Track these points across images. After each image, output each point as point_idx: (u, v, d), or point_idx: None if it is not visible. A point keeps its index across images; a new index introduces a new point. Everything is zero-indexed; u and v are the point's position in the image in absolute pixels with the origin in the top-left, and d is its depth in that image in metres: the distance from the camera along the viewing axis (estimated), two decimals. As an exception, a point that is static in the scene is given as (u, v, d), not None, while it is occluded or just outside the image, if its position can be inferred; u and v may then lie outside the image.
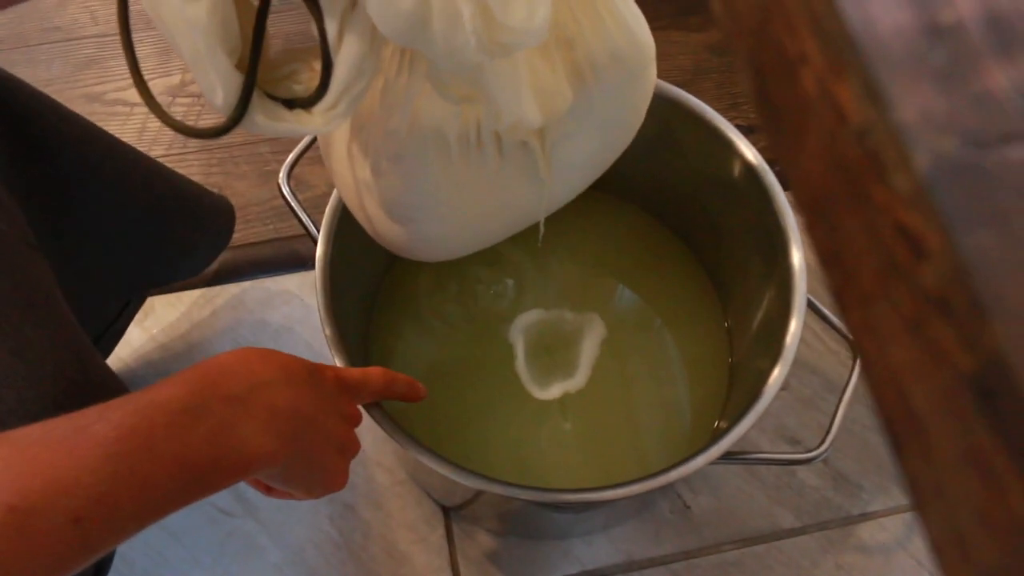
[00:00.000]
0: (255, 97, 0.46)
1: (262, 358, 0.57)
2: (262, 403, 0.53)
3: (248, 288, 1.12)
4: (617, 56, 0.59)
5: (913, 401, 0.20)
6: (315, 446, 0.59)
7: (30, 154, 0.73)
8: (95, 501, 0.45)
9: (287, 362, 0.58)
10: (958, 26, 0.20)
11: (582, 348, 0.96)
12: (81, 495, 0.44)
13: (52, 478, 0.44)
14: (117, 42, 1.36)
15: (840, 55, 0.21)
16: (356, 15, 0.45)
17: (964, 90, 0.20)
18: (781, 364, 0.75)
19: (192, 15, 0.43)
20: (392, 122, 0.57)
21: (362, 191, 0.65)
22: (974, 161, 0.19)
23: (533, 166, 0.62)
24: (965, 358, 0.18)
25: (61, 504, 0.44)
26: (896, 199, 0.19)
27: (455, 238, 0.67)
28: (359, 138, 0.60)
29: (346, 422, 0.63)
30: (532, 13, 0.44)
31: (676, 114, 0.87)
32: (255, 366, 0.55)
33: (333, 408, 0.61)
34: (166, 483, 0.48)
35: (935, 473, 0.20)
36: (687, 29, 1.32)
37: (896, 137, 0.19)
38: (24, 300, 0.59)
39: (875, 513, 1.00)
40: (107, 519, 0.45)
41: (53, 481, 0.44)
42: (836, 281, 0.23)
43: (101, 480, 0.45)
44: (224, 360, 0.55)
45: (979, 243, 0.18)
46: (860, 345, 0.22)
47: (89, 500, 0.44)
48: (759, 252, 0.87)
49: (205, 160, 1.21)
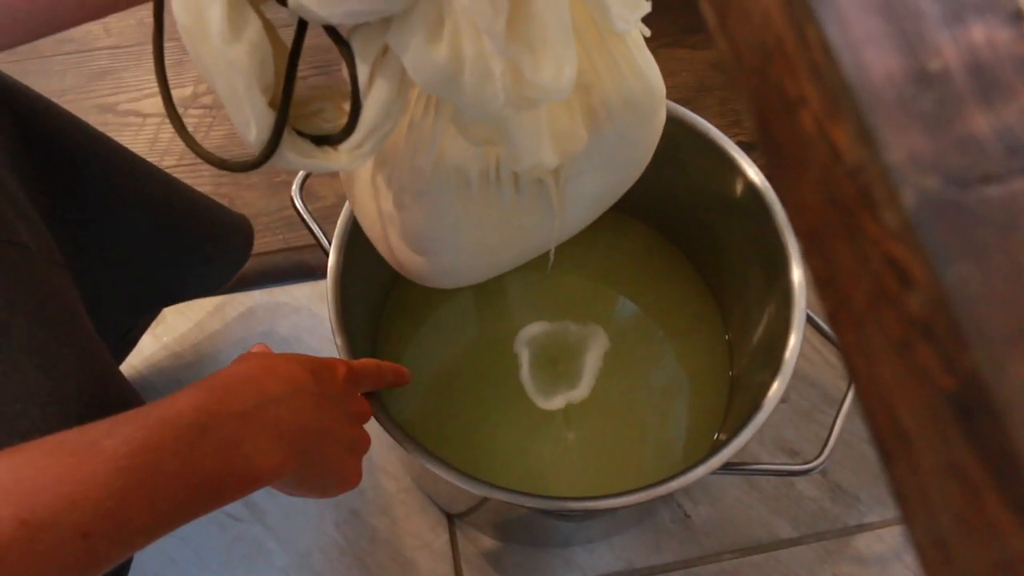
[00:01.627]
0: (285, 134, 0.47)
1: (268, 372, 0.58)
2: (268, 418, 0.54)
3: (258, 297, 1.14)
4: (630, 100, 0.61)
5: (900, 416, 0.22)
6: (324, 453, 0.60)
7: (55, 172, 0.74)
8: (104, 516, 0.45)
9: (293, 374, 0.59)
10: (944, 74, 0.22)
11: (585, 359, 0.97)
12: (90, 509, 0.45)
13: (62, 493, 0.44)
14: (130, 54, 1.38)
15: (836, 99, 0.23)
16: (387, 61, 0.47)
17: (948, 133, 0.22)
18: (781, 377, 0.77)
19: (233, 56, 0.44)
20: (418, 160, 0.59)
21: (385, 222, 0.66)
22: (956, 199, 0.21)
23: (547, 201, 0.64)
24: (946, 379, 0.20)
25: (70, 518, 0.44)
26: (885, 232, 0.21)
27: (472, 268, 0.69)
28: (383, 172, 0.62)
29: (355, 420, 0.65)
30: (559, 73, 0.46)
31: (680, 132, 0.89)
32: (263, 381, 0.56)
33: (340, 411, 0.62)
34: (174, 497, 0.49)
35: (919, 482, 0.22)
36: (690, 47, 1.34)
37: (886, 176, 0.21)
38: (50, 318, 0.61)
39: (872, 524, 1.02)
40: (116, 533, 0.46)
41: (63, 496, 0.44)
42: (830, 304, 0.25)
43: (110, 495, 0.46)
44: (232, 374, 0.57)
45: (960, 274, 0.20)
46: (852, 364, 0.24)
47: (98, 515, 0.45)
48: (760, 267, 0.89)
49: (215, 172, 1.23)
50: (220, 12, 0.43)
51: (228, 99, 0.45)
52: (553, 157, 0.58)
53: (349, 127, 0.48)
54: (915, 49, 0.23)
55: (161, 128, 1.28)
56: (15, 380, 0.57)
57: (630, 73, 0.60)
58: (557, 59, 0.46)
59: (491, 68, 0.45)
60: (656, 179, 0.84)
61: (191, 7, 0.44)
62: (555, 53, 0.46)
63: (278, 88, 0.46)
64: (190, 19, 0.44)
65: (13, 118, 0.70)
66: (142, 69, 1.33)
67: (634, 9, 0.54)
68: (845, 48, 0.23)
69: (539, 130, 0.56)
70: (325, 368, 0.63)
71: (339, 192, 1.21)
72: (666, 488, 0.72)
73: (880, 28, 0.23)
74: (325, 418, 0.60)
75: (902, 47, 0.23)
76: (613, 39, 0.58)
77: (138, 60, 1.34)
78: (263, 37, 0.46)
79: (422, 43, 0.45)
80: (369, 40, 0.46)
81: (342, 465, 0.62)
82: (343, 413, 0.63)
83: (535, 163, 0.57)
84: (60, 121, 0.76)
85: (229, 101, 0.46)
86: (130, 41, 1.36)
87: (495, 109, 0.47)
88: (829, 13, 0.23)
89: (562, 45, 0.46)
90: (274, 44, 0.47)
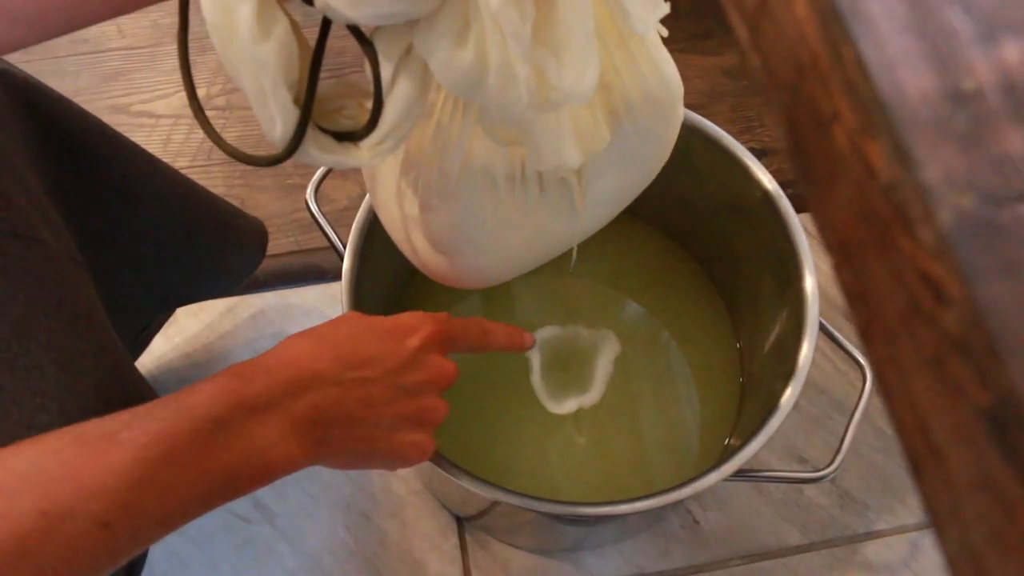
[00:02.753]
0: (308, 130, 0.48)
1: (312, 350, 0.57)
2: (284, 411, 0.54)
3: (269, 299, 1.14)
4: (650, 97, 0.61)
5: (932, 430, 0.22)
6: (353, 438, 0.59)
7: (76, 172, 0.74)
8: (122, 506, 0.46)
9: (345, 353, 0.58)
10: (978, 93, 0.23)
11: (597, 364, 0.98)
12: (108, 500, 0.46)
13: (81, 483, 0.45)
14: (143, 55, 1.39)
15: (871, 116, 0.23)
16: (410, 61, 0.47)
17: (983, 152, 0.22)
18: (793, 384, 0.77)
19: (262, 55, 0.44)
20: (446, 163, 0.59)
21: (409, 225, 0.67)
22: (991, 218, 0.21)
23: (569, 199, 0.65)
24: (982, 394, 0.20)
25: (89, 509, 0.45)
26: (920, 250, 0.22)
27: (496, 268, 0.70)
28: (409, 175, 0.62)
29: (422, 391, 0.62)
30: (583, 77, 0.47)
31: (692, 138, 0.89)
32: (300, 363, 0.56)
33: (393, 390, 0.60)
34: (188, 489, 0.50)
35: (951, 496, 0.22)
36: (703, 53, 1.34)
37: (922, 194, 0.21)
38: (69, 314, 0.61)
39: (881, 532, 1.02)
40: (133, 523, 0.47)
41: (82, 487, 0.45)
42: (861, 318, 0.25)
43: (128, 486, 0.47)
44: (258, 364, 0.56)
45: (996, 292, 0.20)
46: (882, 377, 0.25)
47: (116, 505, 0.46)
48: (772, 275, 0.89)
49: (228, 172, 1.24)
50: (250, 11, 0.44)
51: (254, 96, 0.46)
52: (576, 156, 0.58)
53: (371, 124, 0.48)
54: (949, 68, 0.23)
55: (174, 129, 1.28)
56: (34, 376, 0.57)
57: (650, 71, 0.61)
58: (581, 64, 0.47)
59: (516, 71, 0.45)
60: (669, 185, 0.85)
61: (220, 6, 0.44)
62: (579, 58, 0.47)
63: (302, 85, 0.47)
64: (219, 18, 0.44)
65: (36, 118, 0.71)
66: (155, 70, 1.34)
67: (653, 11, 0.54)
68: (880, 67, 0.23)
69: (561, 130, 0.57)
70: (393, 336, 0.61)
71: (351, 195, 1.21)
72: (679, 494, 0.73)
73: (915, 47, 0.23)
74: (370, 398, 0.58)
75: (936, 66, 0.23)
76: (633, 39, 0.59)
77: (151, 61, 1.34)
78: (290, 36, 0.46)
79: (449, 47, 0.46)
80: (393, 40, 0.47)
81: (388, 444, 0.61)
82: (395, 392, 0.60)
83: (558, 163, 0.57)
84: (82, 122, 0.76)
85: (255, 98, 0.46)
86: (143, 42, 1.36)
87: (518, 111, 0.48)
88: (865, 32, 0.23)
89: (585, 50, 0.47)
90: (302, 43, 0.47)
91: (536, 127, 0.55)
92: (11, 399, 0.57)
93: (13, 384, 0.57)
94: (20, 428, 0.56)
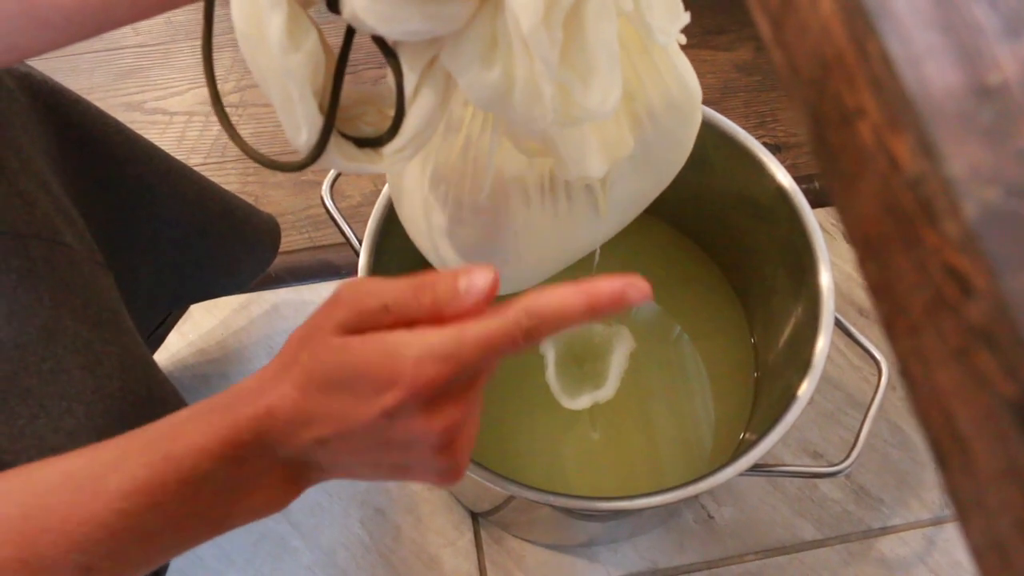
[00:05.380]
0: (331, 137, 0.48)
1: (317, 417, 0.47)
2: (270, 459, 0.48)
3: (283, 295, 1.15)
4: (672, 103, 0.62)
5: (957, 422, 0.23)
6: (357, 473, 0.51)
7: (95, 173, 0.75)
8: (105, 555, 0.46)
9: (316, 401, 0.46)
10: (1004, 87, 0.23)
11: (611, 360, 0.98)
12: (91, 549, 0.46)
13: (65, 533, 0.45)
14: (157, 52, 1.39)
15: (897, 111, 0.23)
16: (433, 72, 0.48)
17: (1008, 146, 0.22)
18: (809, 379, 0.77)
19: (292, 66, 0.45)
20: (477, 176, 0.60)
21: (436, 237, 0.67)
22: (1017, 210, 0.21)
23: (594, 205, 0.66)
24: (1008, 385, 0.20)
25: (71, 559, 0.45)
26: (946, 243, 0.22)
27: (524, 275, 0.71)
28: (438, 191, 0.63)
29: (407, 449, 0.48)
30: (607, 97, 0.48)
31: (706, 134, 0.89)
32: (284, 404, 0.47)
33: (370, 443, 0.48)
34: (173, 535, 0.49)
35: (976, 487, 0.22)
36: (715, 48, 1.34)
37: (947, 188, 0.22)
38: (94, 317, 0.62)
39: (896, 527, 1.02)
40: (117, 568, 0.47)
41: (66, 536, 0.45)
42: (886, 311, 0.25)
43: (111, 535, 0.46)
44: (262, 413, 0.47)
45: (1021, 284, 0.20)
46: (907, 369, 0.25)
47: (99, 554, 0.46)
48: (787, 270, 0.89)
49: (242, 169, 1.24)
50: (280, 23, 0.44)
51: (281, 104, 0.46)
52: (601, 165, 0.59)
53: (392, 131, 0.49)
54: (974, 63, 0.23)
55: (188, 126, 1.29)
56: (61, 379, 0.58)
57: (670, 78, 0.62)
58: (605, 85, 0.48)
59: (541, 89, 0.46)
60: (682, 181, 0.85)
61: (251, 15, 0.44)
62: (603, 79, 0.47)
63: (326, 93, 0.47)
64: (249, 27, 0.44)
65: (56, 121, 0.72)
66: (169, 68, 1.34)
67: (674, 22, 0.55)
68: (906, 62, 0.23)
69: (584, 142, 0.57)
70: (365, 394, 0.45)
71: (364, 191, 1.22)
72: (695, 489, 0.73)
73: (940, 42, 0.23)
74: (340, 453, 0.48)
75: (962, 61, 0.23)
76: (655, 48, 0.60)
77: (165, 58, 1.35)
78: (319, 47, 0.46)
79: (477, 65, 0.47)
80: (417, 53, 0.47)
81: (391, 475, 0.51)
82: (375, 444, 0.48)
83: (583, 172, 0.58)
84: (99, 124, 0.77)
85: (282, 106, 0.46)
86: (157, 40, 1.37)
87: (543, 126, 0.48)
88: (890, 27, 0.24)
89: (609, 71, 0.48)
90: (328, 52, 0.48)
91: (561, 139, 0.56)
92: (39, 403, 0.57)
93: (40, 388, 0.58)
94: (48, 431, 0.57)
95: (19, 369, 0.58)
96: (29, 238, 0.61)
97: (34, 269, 0.60)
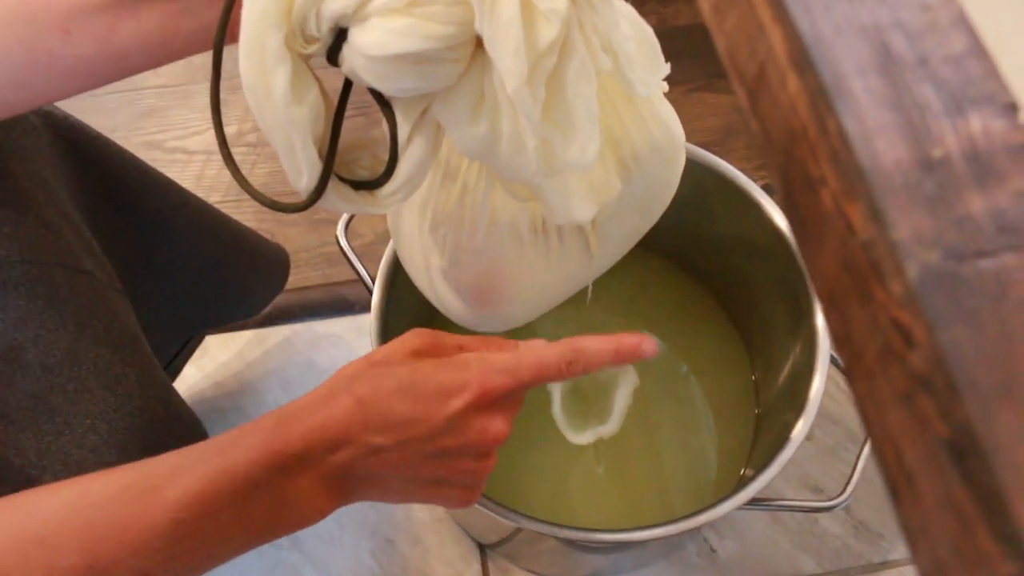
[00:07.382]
0: (330, 180, 0.52)
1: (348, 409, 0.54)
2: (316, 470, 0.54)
3: (298, 330, 1.18)
4: (656, 148, 0.66)
5: (905, 458, 0.25)
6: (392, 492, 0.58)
7: (114, 206, 0.79)
8: (163, 561, 0.50)
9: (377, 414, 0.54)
10: (946, 160, 0.26)
11: (616, 396, 1.00)
12: (149, 556, 0.50)
13: (125, 540, 0.49)
14: (177, 93, 1.43)
15: (852, 181, 0.26)
16: (425, 122, 0.52)
17: (948, 213, 0.25)
18: (805, 417, 0.79)
19: (295, 118, 0.48)
20: (474, 220, 0.64)
21: (434, 277, 0.71)
22: (953, 271, 0.24)
23: (585, 244, 0.69)
24: (943, 426, 0.23)
25: (132, 564, 0.49)
26: (892, 299, 0.25)
27: (519, 312, 0.74)
28: (436, 235, 0.67)
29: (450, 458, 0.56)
30: (585, 151, 0.51)
31: (707, 177, 0.93)
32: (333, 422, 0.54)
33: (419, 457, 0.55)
34: (226, 543, 0.53)
35: (922, 516, 0.25)
36: (718, 91, 1.38)
37: (893, 250, 0.25)
38: (114, 340, 0.65)
39: (896, 562, 1.04)
40: (172, 571, 0.51)
41: (126, 543, 0.49)
42: (846, 358, 0.28)
43: (168, 543, 0.50)
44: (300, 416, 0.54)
45: (955, 336, 0.23)
46: (864, 411, 0.28)
47: (156, 560, 0.50)
48: (786, 309, 0.91)
49: (258, 207, 1.27)
50: (284, 78, 0.47)
51: (284, 151, 0.50)
52: (587, 210, 0.62)
53: (387, 175, 0.52)
54: (920, 139, 0.26)
55: (207, 165, 1.33)
56: (85, 398, 0.62)
57: (654, 124, 0.66)
58: (583, 139, 0.51)
59: (525, 142, 0.50)
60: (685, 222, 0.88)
61: (257, 70, 0.47)
62: (582, 134, 0.51)
63: (324, 140, 0.51)
64: (256, 81, 0.48)
65: (77, 156, 0.75)
66: (188, 108, 1.38)
67: (655, 73, 0.58)
68: (860, 137, 0.26)
69: (568, 190, 0.61)
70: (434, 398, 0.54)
71: (377, 230, 1.25)
72: (695, 521, 0.75)
73: (891, 119, 0.27)
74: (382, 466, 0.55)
75: (909, 137, 0.26)
76: (638, 96, 0.63)
77: (184, 99, 1.39)
78: (320, 99, 0.50)
79: (466, 119, 0.50)
80: (411, 105, 0.51)
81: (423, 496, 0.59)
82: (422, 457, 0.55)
83: (569, 218, 0.61)
84: (118, 159, 0.81)
85: (284, 153, 0.50)
86: (177, 81, 1.41)
87: (528, 175, 0.52)
88: (847, 106, 0.27)
89: (588, 127, 0.51)
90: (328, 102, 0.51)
91: (547, 187, 0.59)
92: (64, 420, 0.61)
93: (65, 406, 0.61)
94: (72, 447, 0.60)
95: (45, 389, 0.62)
96: (53, 266, 0.65)
97: (58, 295, 0.64)
